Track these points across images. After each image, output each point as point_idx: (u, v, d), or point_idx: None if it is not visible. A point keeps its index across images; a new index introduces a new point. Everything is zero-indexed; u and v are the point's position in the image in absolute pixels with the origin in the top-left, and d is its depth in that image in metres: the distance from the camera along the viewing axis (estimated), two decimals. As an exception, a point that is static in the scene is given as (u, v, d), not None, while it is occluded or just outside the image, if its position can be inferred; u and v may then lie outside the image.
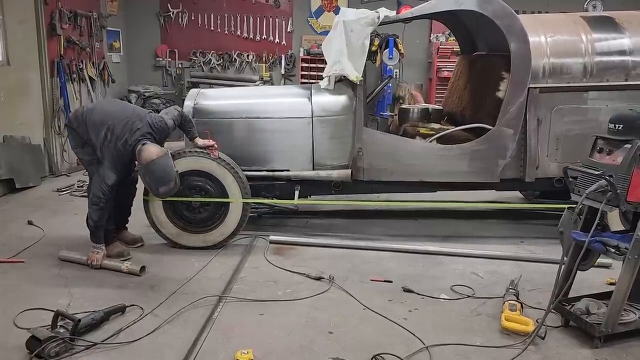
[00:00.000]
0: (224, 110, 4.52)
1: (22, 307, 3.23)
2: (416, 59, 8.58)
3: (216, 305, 3.32)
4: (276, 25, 8.61)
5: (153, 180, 3.69)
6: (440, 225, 5.02)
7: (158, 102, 8.27)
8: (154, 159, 3.62)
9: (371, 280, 3.76)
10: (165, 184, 3.69)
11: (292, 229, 4.83)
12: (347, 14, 4.35)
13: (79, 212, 5.23)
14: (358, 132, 4.37)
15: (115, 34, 8.29)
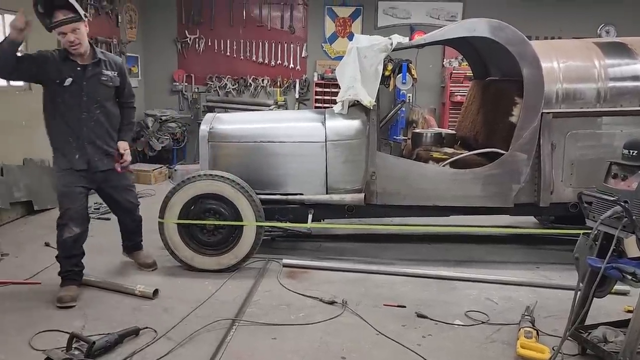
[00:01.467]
0: (238, 134, 4.58)
1: (38, 329, 3.27)
2: (429, 83, 8.64)
3: (229, 329, 3.33)
4: (291, 51, 8.76)
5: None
6: (454, 250, 5.00)
7: (174, 125, 8.40)
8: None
9: (384, 305, 3.74)
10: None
11: (305, 253, 4.83)
12: (361, 41, 4.42)
13: (94, 234, 5.29)
14: (371, 156, 4.40)
15: (134, 59, 8.49)
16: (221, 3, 8.68)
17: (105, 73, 3.78)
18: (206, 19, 8.75)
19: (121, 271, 4.29)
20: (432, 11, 8.52)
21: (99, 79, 3.75)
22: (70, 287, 3.75)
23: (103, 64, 3.78)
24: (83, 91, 3.67)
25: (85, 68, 3.68)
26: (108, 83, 3.80)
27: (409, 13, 8.54)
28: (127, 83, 4.02)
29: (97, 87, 3.74)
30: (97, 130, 3.79)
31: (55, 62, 3.61)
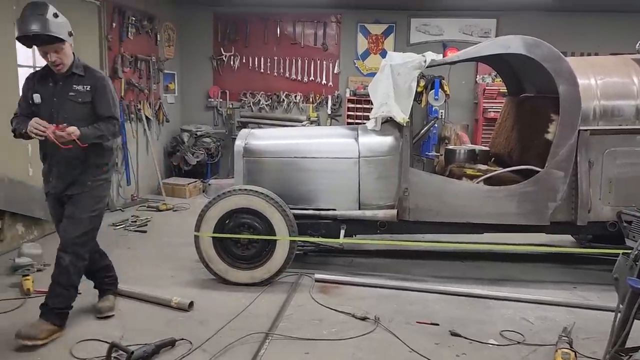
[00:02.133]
0: (273, 149, 4.66)
1: (79, 338, 3.38)
2: (462, 99, 8.60)
3: (263, 342, 3.36)
4: (323, 67, 8.86)
5: None
6: (488, 268, 4.93)
7: (209, 140, 8.57)
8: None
9: (417, 323, 3.72)
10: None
11: (337, 268, 4.85)
12: (394, 58, 4.46)
13: (132, 246, 5.46)
14: (404, 173, 4.41)
15: (170, 76, 8.74)
16: (256, 21, 8.87)
17: (75, 88, 3.41)
18: (241, 37, 8.96)
19: (158, 283, 4.38)
20: (465, 27, 8.51)
21: (67, 94, 3.40)
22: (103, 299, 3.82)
23: (76, 78, 3.42)
24: (53, 109, 3.37)
25: (56, 84, 3.41)
26: (77, 99, 3.40)
27: (442, 30, 8.56)
28: (105, 100, 3.46)
29: (64, 103, 3.39)
30: (67, 153, 3.36)
31: (33, 82, 3.45)
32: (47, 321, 3.37)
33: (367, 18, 8.70)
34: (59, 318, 3.44)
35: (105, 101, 3.48)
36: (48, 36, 3.20)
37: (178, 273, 4.64)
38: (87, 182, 3.47)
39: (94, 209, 3.52)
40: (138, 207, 7.16)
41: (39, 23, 3.16)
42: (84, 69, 3.47)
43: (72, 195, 3.47)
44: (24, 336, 3.24)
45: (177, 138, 8.58)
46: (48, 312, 3.40)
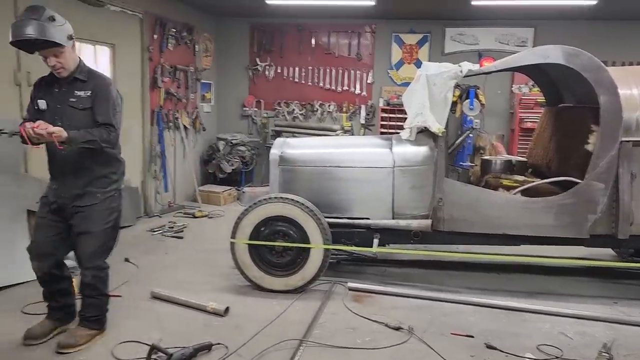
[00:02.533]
0: (308, 159, 4.71)
1: (120, 339, 3.48)
2: (498, 109, 8.50)
3: (297, 349, 3.40)
4: (357, 77, 8.91)
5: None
6: (525, 281, 4.85)
7: (244, 149, 8.71)
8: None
9: (452, 334, 3.70)
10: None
11: (370, 277, 4.86)
12: (430, 68, 4.47)
13: (169, 251, 5.59)
14: (439, 183, 4.39)
15: (207, 85, 8.93)
16: (291, 32, 9.00)
17: (76, 94, 3.29)
18: (276, 47, 9.10)
19: (194, 288, 4.47)
20: (502, 37, 8.43)
21: (68, 100, 3.29)
22: (45, 321, 3.53)
23: (78, 83, 3.31)
24: (56, 115, 3.26)
25: (60, 89, 3.31)
26: (77, 105, 3.27)
27: (477, 39, 8.50)
28: (104, 106, 3.29)
29: (65, 109, 3.27)
30: (70, 162, 3.30)
31: (39, 88, 3.37)
32: (85, 327, 3.48)
33: (401, 28, 8.71)
34: (97, 323, 3.53)
35: (103, 107, 3.29)
36: (44, 41, 3.10)
37: (214, 279, 4.73)
38: (97, 194, 3.36)
39: (107, 221, 3.41)
40: (175, 213, 7.32)
41: (32, 27, 3.04)
42: (87, 74, 3.35)
43: (82, 208, 3.33)
44: (64, 346, 3.33)
45: (213, 146, 8.75)
46: (85, 320, 3.49)
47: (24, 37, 3.05)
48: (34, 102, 3.35)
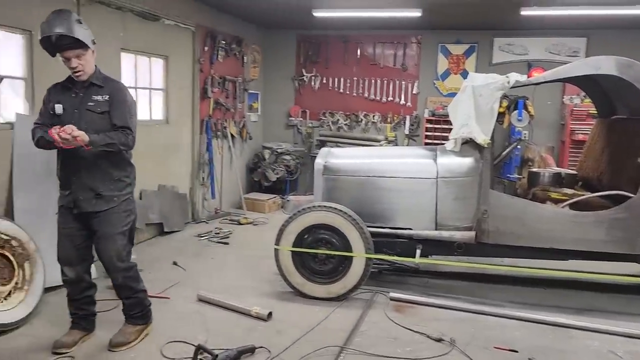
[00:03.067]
0: (352, 168, 4.76)
1: (168, 339, 3.62)
2: (548, 120, 8.31)
3: (338, 356, 3.44)
4: (402, 88, 8.92)
5: None
6: (573, 297, 4.71)
7: (289, 158, 8.86)
8: None
9: (495, 348, 3.64)
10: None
11: (412, 288, 4.84)
12: (476, 79, 4.45)
13: (215, 257, 5.75)
14: (484, 194, 4.35)
15: (254, 95, 9.15)
16: (337, 43, 9.11)
17: (94, 98, 3.36)
18: (322, 59, 9.23)
19: (239, 292, 4.59)
20: (552, 47, 8.25)
21: (86, 104, 3.35)
22: (71, 331, 3.56)
23: (95, 89, 3.39)
24: (73, 120, 3.28)
25: (77, 94, 3.37)
26: (95, 109, 3.34)
27: (527, 49, 8.35)
28: (120, 110, 3.39)
29: (84, 114, 3.33)
30: (87, 165, 3.34)
31: (54, 93, 3.42)
32: (132, 324, 3.61)
33: (448, 38, 8.67)
34: (142, 318, 3.67)
35: (120, 111, 3.38)
36: (72, 41, 3.19)
37: (258, 284, 4.84)
38: (113, 198, 3.41)
39: (126, 223, 3.49)
40: (221, 219, 7.52)
41: (64, 26, 3.15)
42: (103, 79, 3.43)
43: (100, 212, 3.39)
44: (116, 344, 3.47)
45: (259, 155, 8.94)
46: (131, 318, 3.63)
47: (54, 33, 3.13)
48: (47, 106, 3.38)
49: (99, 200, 3.39)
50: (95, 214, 3.39)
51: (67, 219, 3.44)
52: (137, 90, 6.24)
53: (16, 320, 3.74)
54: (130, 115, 3.43)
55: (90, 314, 3.66)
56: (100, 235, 3.42)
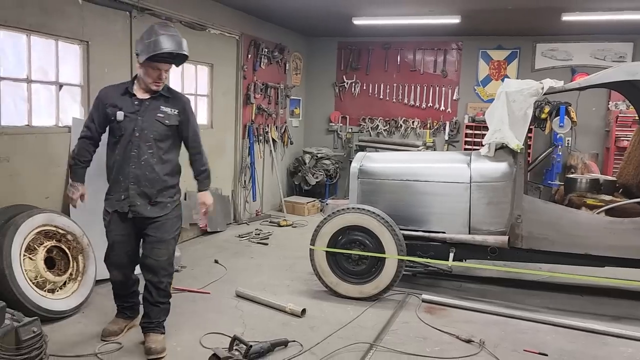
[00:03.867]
0: (386, 172, 4.87)
1: (207, 331, 3.84)
2: (592, 126, 8.14)
3: (367, 352, 3.57)
4: (442, 94, 8.95)
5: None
6: (610, 305, 4.65)
7: (329, 162, 9.04)
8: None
9: (524, 351, 3.67)
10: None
11: (444, 291, 4.90)
12: (510, 85, 4.49)
13: (255, 256, 5.98)
14: (517, 199, 4.38)
15: (296, 102, 9.39)
16: (377, 50, 9.24)
17: (163, 109, 3.47)
18: (363, 65, 9.38)
19: (275, 290, 4.78)
20: (597, 52, 8.10)
21: (155, 114, 3.44)
22: (117, 319, 3.77)
23: (163, 99, 3.49)
24: (136, 127, 3.40)
25: (142, 102, 3.44)
26: (164, 121, 3.45)
27: (570, 55, 8.22)
28: (192, 126, 3.60)
29: (152, 123, 3.42)
30: (145, 172, 3.42)
31: (112, 97, 3.47)
32: (159, 332, 3.56)
33: (489, 44, 8.65)
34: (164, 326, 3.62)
35: (193, 129, 3.59)
36: (174, 57, 3.40)
37: (293, 283, 5.02)
38: (167, 204, 3.50)
39: (177, 228, 3.61)
40: (261, 221, 7.76)
41: (184, 44, 3.36)
42: (168, 90, 3.55)
43: (156, 218, 3.46)
44: (160, 350, 3.45)
45: (299, 159, 9.16)
46: (158, 325, 3.56)
47: (182, 51, 3.35)
48: (100, 111, 3.47)
49: (154, 207, 3.46)
50: (151, 219, 3.46)
51: (119, 226, 3.51)
52: (183, 97, 6.57)
53: (70, 309, 4.05)
54: (198, 133, 3.66)
55: (135, 304, 3.86)
56: (155, 240, 3.47)
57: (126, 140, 3.42)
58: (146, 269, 3.51)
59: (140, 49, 3.36)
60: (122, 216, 3.48)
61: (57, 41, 4.76)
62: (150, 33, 3.33)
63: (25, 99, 4.54)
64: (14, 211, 4.10)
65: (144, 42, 3.34)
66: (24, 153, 4.41)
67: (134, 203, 3.44)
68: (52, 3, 4.57)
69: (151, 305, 3.54)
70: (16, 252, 3.83)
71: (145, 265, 3.51)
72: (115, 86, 3.56)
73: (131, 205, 3.44)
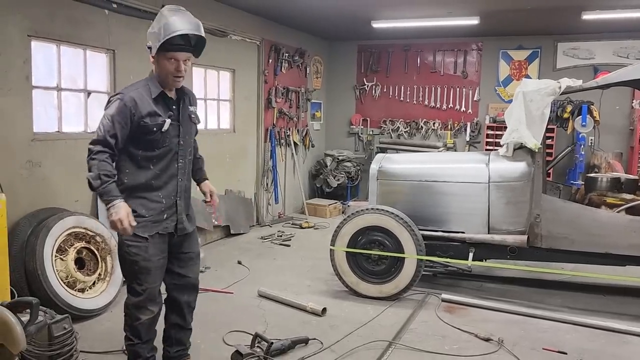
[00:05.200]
0: (405, 173, 4.93)
1: (229, 328, 3.95)
2: (616, 125, 8.03)
3: (386, 350, 3.63)
4: (463, 95, 8.94)
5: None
6: (632, 304, 4.61)
7: (350, 165, 9.11)
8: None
9: (543, 349, 3.69)
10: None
11: (464, 291, 4.92)
12: (528, 85, 4.50)
13: (277, 257, 6.09)
14: (536, 199, 4.38)
15: (317, 105, 9.50)
16: (397, 52, 9.29)
17: (190, 109, 3.08)
18: (383, 68, 9.43)
19: (296, 290, 4.87)
20: (620, 50, 7.99)
21: (189, 116, 3.06)
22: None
23: (186, 97, 3.05)
24: (179, 134, 2.97)
25: (178, 104, 2.99)
26: (195, 120, 3.12)
27: (592, 53, 8.14)
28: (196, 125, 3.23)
29: (189, 126, 3.06)
30: (187, 183, 3.10)
31: (146, 104, 2.85)
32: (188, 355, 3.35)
33: (509, 44, 8.62)
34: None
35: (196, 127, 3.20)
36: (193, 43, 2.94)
37: (314, 283, 5.11)
38: (191, 216, 3.20)
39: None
40: (284, 223, 7.87)
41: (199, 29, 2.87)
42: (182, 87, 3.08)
43: (188, 233, 3.13)
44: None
45: (321, 162, 9.25)
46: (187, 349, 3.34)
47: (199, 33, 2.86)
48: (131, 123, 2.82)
49: (189, 220, 3.15)
50: (189, 235, 3.16)
51: (160, 248, 2.98)
52: (206, 102, 6.74)
53: (99, 307, 4.22)
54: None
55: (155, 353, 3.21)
56: (193, 255, 3.21)
57: (171, 152, 2.95)
58: (186, 290, 3.19)
59: (150, 40, 2.83)
60: (163, 237, 3.00)
61: (85, 50, 4.96)
62: (159, 18, 2.80)
63: (55, 107, 4.75)
64: (46, 214, 4.30)
65: (153, 30, 2.80)
66: (55, 158, 4.61)
67: (181, 220, 3.05)
68: (79, 14, 4.77)
69: (185, 330, 3.27)
70: (48, 253, 4.02)
71: (185, 287, 3.18)
72: (137, 90, 2.89)
73: (178, 223, 3.04)
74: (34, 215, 4.27)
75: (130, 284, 3.00)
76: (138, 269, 2.94)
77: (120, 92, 2.91)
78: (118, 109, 2.81)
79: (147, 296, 2.98)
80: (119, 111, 2.81)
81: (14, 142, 4.27)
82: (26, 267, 3.96)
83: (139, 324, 3.00)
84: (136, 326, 3.01)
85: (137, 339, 3.03)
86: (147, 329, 3.05)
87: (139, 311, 3.00)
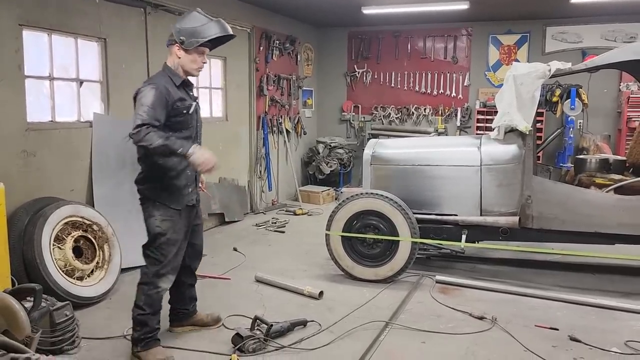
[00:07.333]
0: (398, 157, 4.99)
1: (229, 313, 4.00)
2: (603, 108, 8.14)
3: (383, 330, 3.71)
4: (453, 80, 8.99)
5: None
6: (620, 282, 4.74)
7: (342, 151, 9.16)
8: None
9: (536, 326, 3.79)
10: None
11: (458, 272, 5.01)
12: (518, 69, 4.56)
13: (272, 244, 6.14)
14: (527, 180, 4.47)
15: (308, 92, 9.51)
16: (388, 38, 9.30)
17: (196, 97, 3.48)
18: (373, 54, 9.45)
19: (293, 275, 4.94)
20: (608, 33, 8.08)
21: (198, 102, 3.47)
22: (159, 349, 3.30)
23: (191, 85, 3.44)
24: (198, 116, 3.41)
25: (193, 93, 3.44)
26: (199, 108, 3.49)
27: (580, 37, 8.22)
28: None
29: (199, 111, 3.45)
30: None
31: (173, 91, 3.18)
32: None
33: (498, 29, 8.67)
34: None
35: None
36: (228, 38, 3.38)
37: (310, 268, 5.17)
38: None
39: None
40: (277, 210, 7.93)
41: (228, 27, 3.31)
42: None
43: (197, 225, 3.56)
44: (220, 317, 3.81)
45: (313, 149, 9.29)
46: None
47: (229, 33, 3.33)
48: (167, 108, 3.10)
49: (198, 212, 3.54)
50: (196, 207, 3.49)
51: (185, 221, 3.33)
52: (198, 90, 6.74)
53: (98, 295, 4.26)
54: None
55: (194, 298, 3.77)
56: (200, 225, 3.62)
57: (193, 132, 3.32)
58: (195, 257, 3.62)
59: (186, 34, 3.16)
60: (189, 210, 3.36)
61: (77, 39, 4.94)
62: (197, 18, 3.24)
63: (48, 96, 4.73)
64: (42, 203, 4.32)
65: (192, 28, 3.18)
66: (49, 148, 4.61)
67: (197, 192, 3.46)
68: (70, 2, 4.74)
69: (194, 287, 3.73)
70: (46, 242, 4.04)
71: (195, 253, 3.60)
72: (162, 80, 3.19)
73: (197, 196, 3.46)
74: (30, 205, 4.29)
75: (153, 255, 3.25)
76: (166, 240, 3.23)
77: (150, 82, 3.18)
78: (156, 95, 3.07)
79: (173, 265, 3.30)
80: (157, 96, 3.07)
81: (8, 132, 4.27)
82: (25, 256, 3.98)
83: (157, 292, 3.26)
84: (153, 295, 3.24)
85: (149, 309, 3.24)
86: (161, 299, 3.31)
87: (160, 279, 3.25)
